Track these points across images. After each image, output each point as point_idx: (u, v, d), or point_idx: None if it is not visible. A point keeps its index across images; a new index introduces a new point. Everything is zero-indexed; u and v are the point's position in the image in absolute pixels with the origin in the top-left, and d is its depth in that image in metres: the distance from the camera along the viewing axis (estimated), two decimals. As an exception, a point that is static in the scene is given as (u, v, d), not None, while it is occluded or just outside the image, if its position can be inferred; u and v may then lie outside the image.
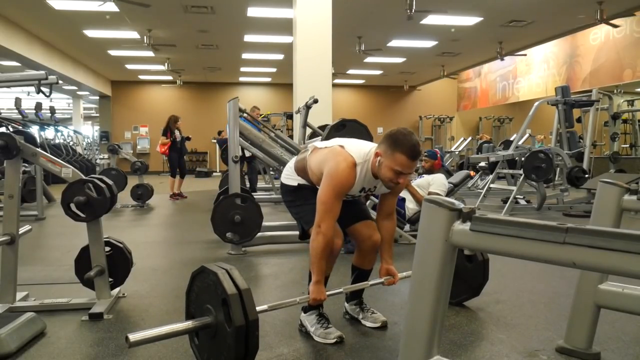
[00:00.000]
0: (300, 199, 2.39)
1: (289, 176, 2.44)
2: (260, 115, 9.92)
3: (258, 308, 1.82)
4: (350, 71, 15.32)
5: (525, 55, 13.04)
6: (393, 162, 2.04)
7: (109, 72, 16.13)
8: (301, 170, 2.37)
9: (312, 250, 2.15)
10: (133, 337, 1.64)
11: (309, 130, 6.15)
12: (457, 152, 13.19)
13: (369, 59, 13.01)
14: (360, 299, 2.56)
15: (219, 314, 1.74)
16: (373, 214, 4.50)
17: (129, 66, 14.59)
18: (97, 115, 20.44)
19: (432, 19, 9.38)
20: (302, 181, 2.37)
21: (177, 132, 8.56)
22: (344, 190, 2.15)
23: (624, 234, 0.94)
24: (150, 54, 12.22)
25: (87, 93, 17.67)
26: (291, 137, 7.39)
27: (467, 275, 2.69)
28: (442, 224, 1.24)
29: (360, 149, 2.20)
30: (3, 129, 6.85)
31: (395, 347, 2.19)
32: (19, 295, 2.75)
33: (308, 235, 2.24)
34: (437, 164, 5.02)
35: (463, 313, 2.67)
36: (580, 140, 8.03)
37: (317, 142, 2.37)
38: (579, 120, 8.72)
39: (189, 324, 1.81)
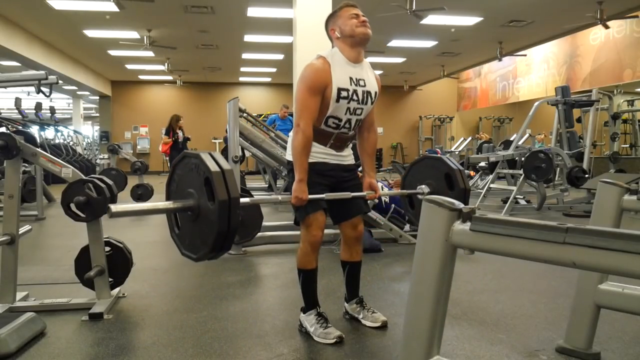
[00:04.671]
0: None
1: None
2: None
3: (242, 200, 1.84)
4: (350, 71, 15.29)
5: (525, 55, 13.04)
6: (343, 17, 2.36)
7: (109, 72, 16.13)
8: None
9: (293, 149, 2.20)
10: (115, 208, 1.65)
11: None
12: (457, 152, 13.18)
13: (368, 59, 12.91)
14: (359, 297, 2.56)
15: (201, 196, 1.72)
16: (373, 213, 4.48)
17: (129, 66, 14.59)
18: (97, 115, 20.44)
19: (432, 19, 9.38)
20: None
21: (180, 133, 8.59)
22: (318, 83, 2.21)
23: (624, 234, 0.94)
24: (150, 54, 12.21)
25: (87, 93, 17.66)
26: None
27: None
28: (442, 224, 1.24)
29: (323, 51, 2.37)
30: (3, 129, 6.85)
31: (395, 347, 2.19)
32: (19, 295, 2.75)
33: (299, 224, 2.33)
34: (437, 164, 5.02)
35: (463, 312, 2.67)
36: (580, 140, 8.02)
37: None
38: (579, 120, 8.71)
39: (170, 203, 1.78)
